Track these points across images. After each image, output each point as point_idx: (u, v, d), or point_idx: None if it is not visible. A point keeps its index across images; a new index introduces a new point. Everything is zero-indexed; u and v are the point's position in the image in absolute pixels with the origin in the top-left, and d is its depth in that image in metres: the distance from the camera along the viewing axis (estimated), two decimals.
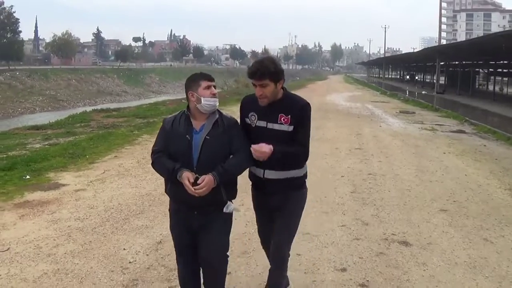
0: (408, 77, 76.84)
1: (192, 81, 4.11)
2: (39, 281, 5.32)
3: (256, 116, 4.21)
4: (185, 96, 4.22)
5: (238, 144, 4.07)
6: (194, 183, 3.84)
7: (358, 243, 6.38)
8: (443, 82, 50.82)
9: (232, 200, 4.19)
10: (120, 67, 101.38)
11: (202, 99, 3.98)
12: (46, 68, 79.91)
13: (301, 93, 35.46)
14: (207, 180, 3.83)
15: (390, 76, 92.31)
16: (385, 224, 7.14)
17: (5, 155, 12.63)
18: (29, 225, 7.09)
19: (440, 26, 62.30)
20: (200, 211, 4.08)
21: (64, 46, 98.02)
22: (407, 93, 42.12)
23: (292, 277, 4.97)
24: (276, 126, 4.15)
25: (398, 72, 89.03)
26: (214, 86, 4.10)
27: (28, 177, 9.89)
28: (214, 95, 4.03)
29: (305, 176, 4.43)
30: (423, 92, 40.98)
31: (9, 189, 8.89)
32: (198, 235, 4.17)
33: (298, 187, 4.37)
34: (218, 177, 3.88)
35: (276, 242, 4.35)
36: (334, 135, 16.56)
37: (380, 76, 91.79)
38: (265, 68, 4.03)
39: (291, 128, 4.12)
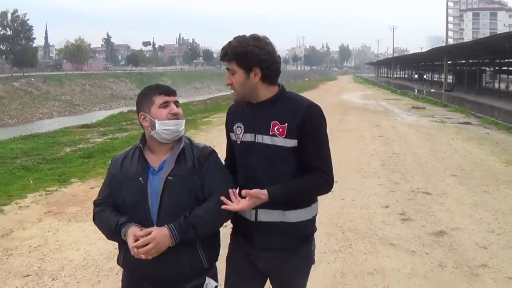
0: (416, 76, 78.31)
1: (143, 97, 2.87)
2: None
3: (242, 127, 2.95)
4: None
5: (212, 183, 2.80)
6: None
7: (393, 193, 8.86)
8: (450, 81, 52.90)
9: (216, 265, 2.97)
10: (132, 71, 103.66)
11: (157, 122, 2.76)
12: (60, 74, 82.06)
13: (314, 93, 38.42)
14: (154, 234, 2.59)
15: (398, 76, 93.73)
16: (411, 183, 9.60)
17: (76, 147, 14.92)
18: None
19: (447, 26, 64.21)
20: None
21: (77, 52, 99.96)
22: (416, 91, 44.20)
23: (352, 212, 7.57)
24: (267, 140, 2.84)
25: (407, 72, 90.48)
26: (176, 103, 2.87)
27: None
28: (175, 116, 2.81)
29: (314, 220, 3.03)
30: (432, 90, 43.11)
31: (100, 171, 10.80)
32: None
33: (303, 241, 2.98)
34: (176, 233, 2.63)
35: None
36: (357, 126, 19.14)
37: (389, 75, 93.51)
38: (231, 46, 2.83)
39: (289, 142, 2.80)
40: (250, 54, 2.78)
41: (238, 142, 2.95)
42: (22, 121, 53.17)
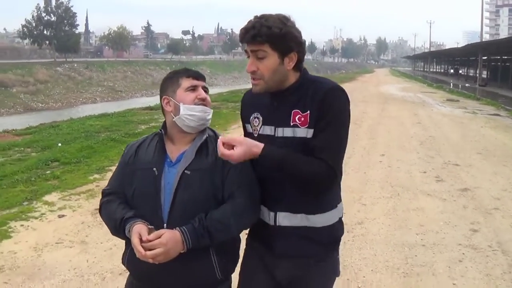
0: (452, 71, 79.21)
1: (169, 80, 2.56)
2: None
3: (260, 118, 2.53)
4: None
5: (234, 183, 2.43)
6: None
7: (429, 164, 11.21)
8: (485, 76, 54.20)
9: (231, 277, 2.63)
10: (172, 59, 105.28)
11: (181, 106, 2.44)
12: (102, 60, 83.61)
13: (353, 85, 42.46)
14: (165, 238, 2.23)
15: (434, 70, 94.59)
16: (444, 158, 11.92)
17: (149, 125, 17.20)
18: None
19: (482, 22, 64.79)
20: None
21: (119, 39, 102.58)
22: (451, 85, 45.67)
23: (398, 176, 9.94)
24: (288, 132, 2.42)
25: (442, 66, 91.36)
26: (205, 88, 2.56)
27: None
28: (203, 102, 2.49)
29: (341, 222, 2.63)
30: (467, 85, 44.66)
31: None
32: None
33: (329, 248, 2.58)
34: (190, 237, 2.28)
35: None
36: (398, 114, 21.50)
37: (425, 70, 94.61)
38: (265, 26, 2.31)
39: (311, 132, 2.38)
40: (290, 36, 2.36)
41: (255, 135, 2.51)
42: (66, 105, 53.34)
